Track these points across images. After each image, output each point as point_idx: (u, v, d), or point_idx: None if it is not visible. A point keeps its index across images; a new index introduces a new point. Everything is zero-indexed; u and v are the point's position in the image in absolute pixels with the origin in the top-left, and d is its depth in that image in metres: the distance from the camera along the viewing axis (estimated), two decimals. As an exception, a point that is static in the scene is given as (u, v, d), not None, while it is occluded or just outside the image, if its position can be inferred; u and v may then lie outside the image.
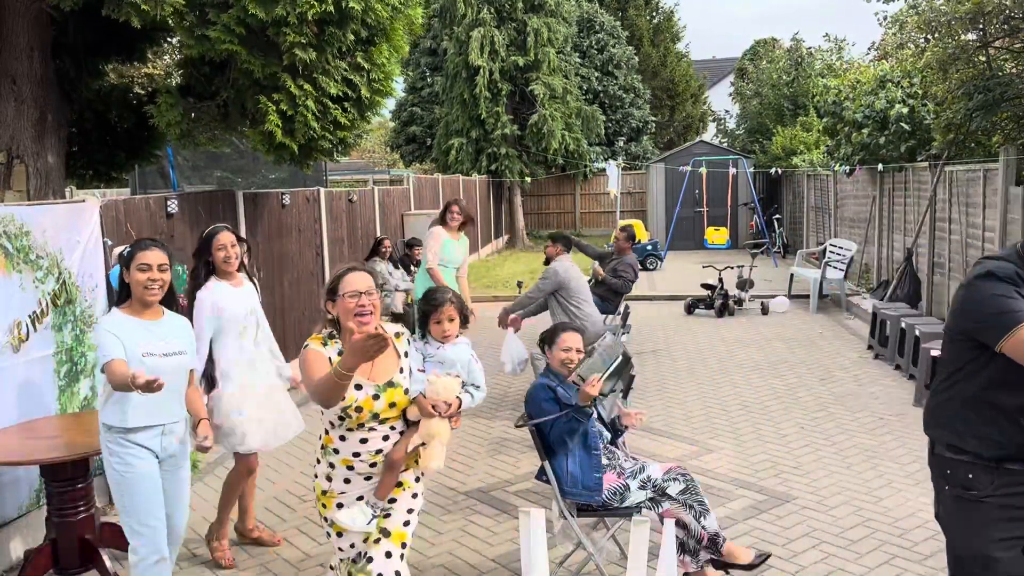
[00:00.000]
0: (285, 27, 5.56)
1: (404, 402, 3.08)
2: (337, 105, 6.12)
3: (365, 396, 2.96)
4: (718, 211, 20.02)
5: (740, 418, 6.80)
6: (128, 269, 3.45)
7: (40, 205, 4.72)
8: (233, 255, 4.30)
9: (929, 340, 7.18)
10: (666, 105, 28.86)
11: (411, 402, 3.10)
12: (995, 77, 8.75)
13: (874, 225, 12.67)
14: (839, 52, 21.87)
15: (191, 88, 6.29)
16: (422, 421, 3.10)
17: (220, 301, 4.25)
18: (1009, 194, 8.02)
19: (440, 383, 3.13)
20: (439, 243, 7.09)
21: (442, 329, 3.38)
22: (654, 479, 3.89)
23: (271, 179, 17.01)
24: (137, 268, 3.42)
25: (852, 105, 11.92)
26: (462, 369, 3.34)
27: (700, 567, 3.83)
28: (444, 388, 3.13)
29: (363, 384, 2.97)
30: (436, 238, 7.12)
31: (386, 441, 3.05)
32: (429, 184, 15.44)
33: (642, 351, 9.38)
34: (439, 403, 3.10)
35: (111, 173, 7.35)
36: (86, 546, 3.92)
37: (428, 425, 3.08)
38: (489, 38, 19.92)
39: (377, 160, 37.97)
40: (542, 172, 22.47)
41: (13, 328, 4.30)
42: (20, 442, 3.92)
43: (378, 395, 2.99)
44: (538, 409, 3.90)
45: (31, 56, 5.70)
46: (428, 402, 3.09)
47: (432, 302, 3.40)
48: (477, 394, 3.36)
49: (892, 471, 5.51)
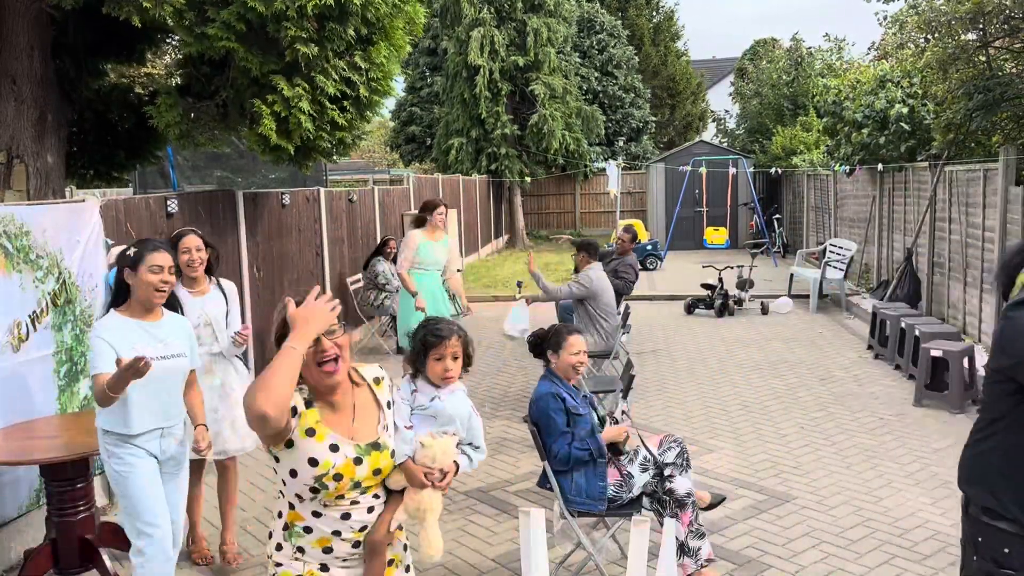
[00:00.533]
0: (285, 21, 5.55)
1: (389, 468, 2.46)
2: (335, 105, 6.11)
3: (344, 461, 2.32)
4: (718, 211, 20.03)
5: (740, 418, 6.80)
6: (134, 270, 3.38)
7: (40, 205, 4.72)
8: (197, 259, 4.20)
9: (929, 340, 7.18)
10: (666, 104, 28.88)
11: (396, 468, 2.49)
12: (995, 77, 8.75)
13: (874, 225, 12.67)
14: (839, 52, 21.87)
15: (190, 88, 6.29)
16: (409, 492, 2.50)
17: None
18: (1009, 194, 8.02)
19: (437, 447, 2.55)
20: (412, 248, 6.90)
21: (443, 368, 2.74)
22: (650, 456, 3.94)
23: (271, 179, 17.01)
24: (149, 270, 3.36)
25: (852, 105, 11.92)
26: (460, 425, 2.73)
27: (699, 567, 3.84)
28: (442, 452, 2.55)
29: (340, 444, 2.33)
30: (410, 243, 6.93)
31: (371, 513, 2.43)
32: (429, 184, 15.44)
33: (642, 351, 9.37)
34: (433, 471, 2.52)
35: (111, 173, 7.35)
36: (86, 546, 3.92)
37: (419, 498, 2.50)
38: (489, 38, 19.92)
39: (377, 160, 37.97)
40: (542, 172, 22.48)
41: (13, 328, 4.30)
42: (20, 442, 3.91)
43: (360, 459, 2.35)
44: (547, 419, 3.89)
45: (31, 56, 5.70)
46: (420, 470, 2.50)
47: (436, 333, 2.77)
48: (476, 455, 2.78)
49: (892, 471, 5.51)
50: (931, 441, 6.09)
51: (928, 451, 5.88)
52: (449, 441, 2.61)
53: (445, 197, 15.85)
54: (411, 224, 7.18)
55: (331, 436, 2.32)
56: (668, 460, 3.96)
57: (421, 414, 2.68)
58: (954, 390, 6.79)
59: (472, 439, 2.78)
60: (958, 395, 6.78)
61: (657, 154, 24.30)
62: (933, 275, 10.18)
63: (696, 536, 3.86)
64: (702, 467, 5.63)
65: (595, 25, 25.27)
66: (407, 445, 2.53)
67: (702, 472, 5.49)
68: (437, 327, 2.81)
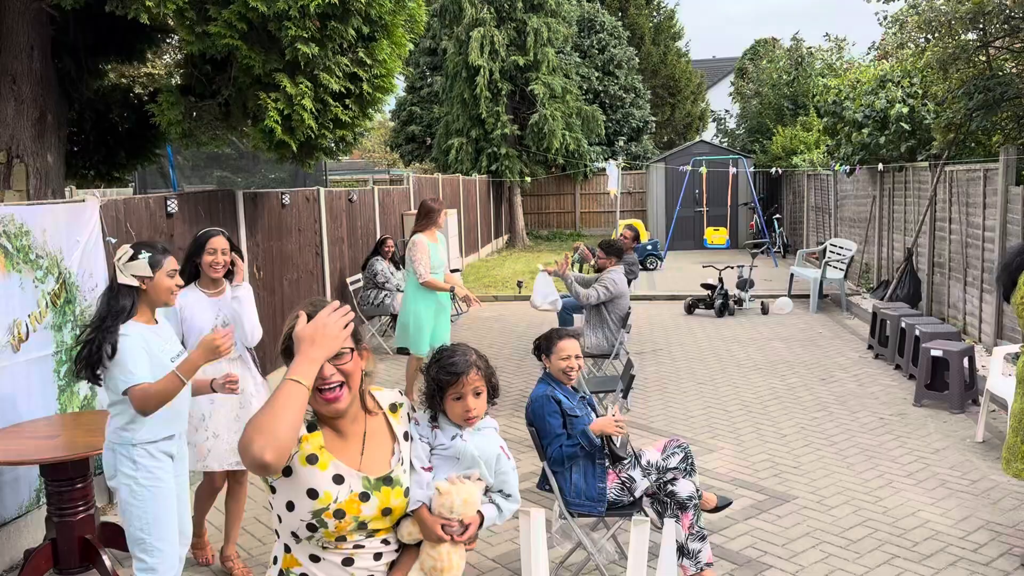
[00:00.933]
0: (287, 21, 5.55)
1: (402, 508, 2.10)
2: (338, 102, 6.11)
3: (349, 495, 2.00)
4: (718, 211, 20.03)
5: (740, 418, 6.80)
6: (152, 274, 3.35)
7: (40, 205, 4.72)
8: (222, 261, 4.15)
9: (929, 340, 7.18)
10: (667, 104, 28.89)
11: (408, 514, 2.13)
12: (995, 77, 8.75)
13: (874, 225, 12.67)
14: (839, 52, 21.87)
15: (191, 88, 6.29)
16: (425, 547, 2.14)
17: (187, 310, 4.10)
18: (1009, 194, 8.02)
19: (457, 493, 2.15)
20: (427, 253, 6.65)
21: (464, 408, 2.31)
22: (654, 462, 3.93)
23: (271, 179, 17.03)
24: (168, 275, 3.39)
25: (852, 105, 11.92)
26: (487, 468, 2.31)
27: (699, 571, 3.84)
28: (463, 501, 2.15)
29: (345, 476, 2.02)
30: (423, 249, 6.65)
31: (378, 561, 2.08)
32: (429, 184, 15.43)
33: (642, 351, 9.37)
34: (452, 523, 2.13)
35: (111, 173, 7.35)
36: (86, 546, 3.92)
37: (436, 555, 2.13)
38: (489, 38, 19.92)
39: (377, 160, 37.97)
40: (542, 172, 22.47)
41: (13, 328, 4.30)
42: (20, 442, 3.91)
43: (368, 495, 2.03)
44: (542, 422, 3.89)
45: (31, 55, 5.70)
46: (436, 521, 2.12)
47: (450, 368, 2.31)
48: (506, 506, 2.34)
49: (892, 471, 5.51)
50: (931, 441, 6.09)
51: (928, 451, 5.88)
52: (472, 488, 2.20)
53: (445, 197, 15.87)
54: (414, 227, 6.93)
55: (335, 465, 2.01)
56: (671, 465, 3.94)
57: (442, 454, 2.27)
58: (954, 390, 6.79)
59: (502, 485, 2.35)
60: (958, 395, 6.78)
61: (657, 154, 24.30)
62: (933, 275, 10.18)
63: (696, 539, 3.86)
64: (702, 467, 5.63)
65: (595, 25, 25.27)
66: (423, 490, 2.15)
67: (702, 472, 5.49)
68: (451, 360, 2.33)
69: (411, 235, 6.83)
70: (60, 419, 4.40)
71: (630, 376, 5.78)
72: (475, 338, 10.37)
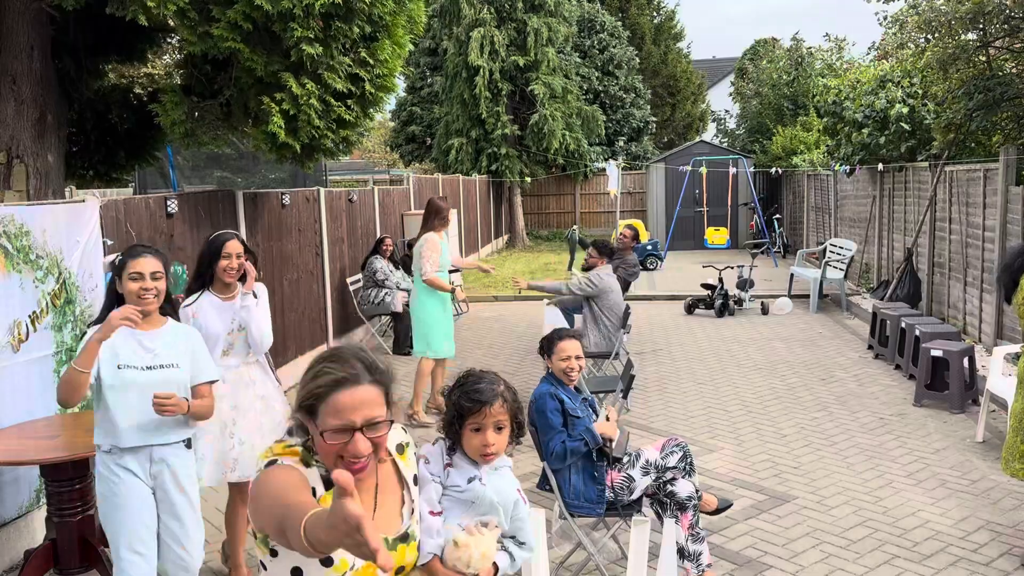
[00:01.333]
0: (292, 21, 5.55)
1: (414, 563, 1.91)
2: (341, 102, 6.12)
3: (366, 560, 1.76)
4: (718, 211, 20.03)
5: (740, 418, 6.80)
6: (120, 278, 3.29)
7: (40, 205, 4.72)
8: (236, 265, 4.06)
9: (929, 340, 7.18)
10: (667, 104, 28.89)
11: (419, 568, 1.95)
12: (995, 77, 8.75)
13: (874, 225, 12.67)
14: (839, 52, 21.87)
15: (192, 88, 6.29)
16: None
17: (200, 316, 4.01)
18: (1009, 194, 8.02)
19: (476, 546, 1.99)
20: (437, 251, 6.66)
21: (483, 442, 2.13)
22: (652, 461, 3.93)
23: (271, 179, 17.04)
24: (129, 277, 3.25)
25: (852, 105, 11.92)
26: (503, 513, 2.13)
27: (702, 572, 3.84)
28: (481, 555, 1.99)
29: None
30: (435, 247, 6.66)
31: None
32: (429, 184, 15.43)
33: (642, 351, 9.38)
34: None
35: (111, 173, 7.35)
36: (86, 546, 3.92)
37: None
38: (489, 38, 19.92)
39: (377, 160, 37.97)
40: (542, 172, 22.48)
41: (13, 328, 4.30)
42: (20, 442, 3.91)
43: None
44: (544, 417, 3.89)
45: (31, 55, 5.70)
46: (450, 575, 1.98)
47: (473, 395, 2.12)
48: (519, 554, 2.18)
49: (892, 471, 5.51)
50: (931, 441, 6.09)
51: (928, 451, 5.88)
52: (489, 539, 2.02)
53: (445, 197, 15.86)
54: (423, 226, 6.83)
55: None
56: (670, 464, 3.94)
57: (456, 496, 2.08)
58: (954, 390, 6.79)
59: (516, 532, 2.17)
60: (958, 395, 6.78)
61: (657, 154, 24.30)
62: (933, 275, 10.18)
63: (696, 540, 3.86)
64: (702, 467, 5.62)
65: (596, 25, 25.27)
66: (433, 539, 1.98)
67: (702, 472, 5.49)
68: (476, 388, 2.13)
69: (420, 234, 6.81)
70: (60, 419, 4.40)
71: (630, 376, 5.78)
72: (475, 338, 10.37)
